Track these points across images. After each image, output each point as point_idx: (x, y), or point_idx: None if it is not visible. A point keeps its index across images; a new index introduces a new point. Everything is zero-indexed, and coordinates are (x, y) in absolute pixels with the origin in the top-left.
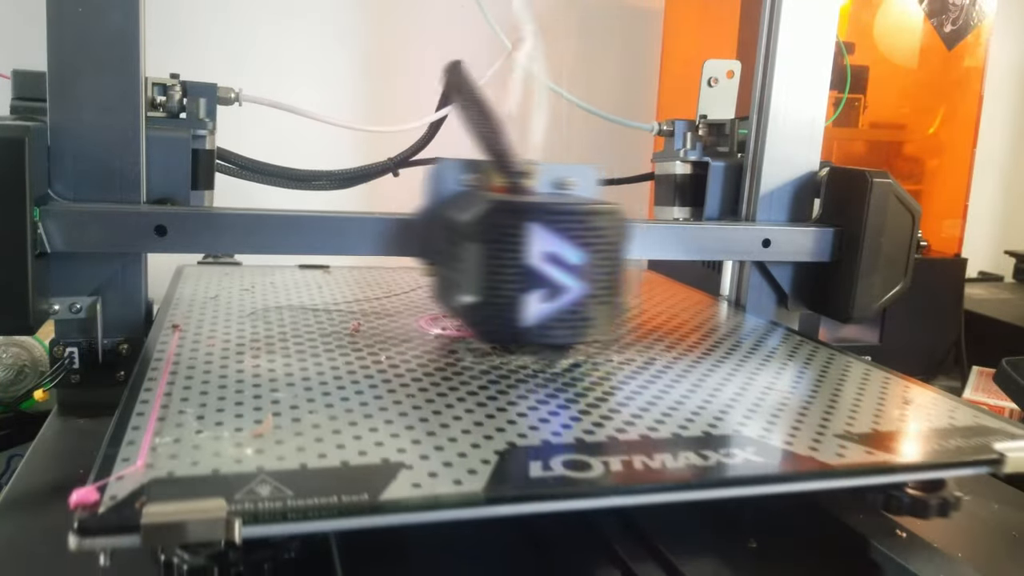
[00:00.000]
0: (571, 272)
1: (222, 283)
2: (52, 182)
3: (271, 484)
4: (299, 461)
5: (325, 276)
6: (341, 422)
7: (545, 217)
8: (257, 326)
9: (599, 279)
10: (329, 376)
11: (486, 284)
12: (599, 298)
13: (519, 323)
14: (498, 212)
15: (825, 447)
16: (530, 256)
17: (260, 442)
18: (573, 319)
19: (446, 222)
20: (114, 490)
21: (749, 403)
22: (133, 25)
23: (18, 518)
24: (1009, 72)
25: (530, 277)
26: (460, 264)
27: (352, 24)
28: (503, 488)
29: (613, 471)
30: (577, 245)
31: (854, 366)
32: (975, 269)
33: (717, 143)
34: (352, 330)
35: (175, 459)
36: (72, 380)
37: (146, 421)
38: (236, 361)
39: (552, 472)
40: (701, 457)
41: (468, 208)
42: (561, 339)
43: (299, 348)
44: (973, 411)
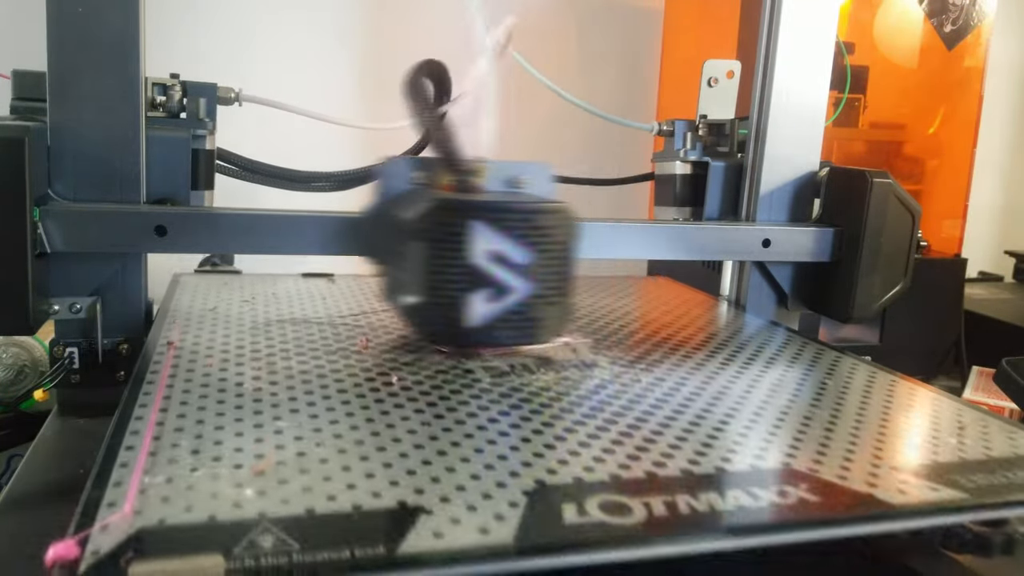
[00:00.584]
0: (516, 272)
1: (221, 294)
2: (52, 182)
3: (274, 534)
4: (305, 505)
5: (329, 286)
6: (351, 456)
7: (489, 215)
8: (258, 342)
9: (546, 279)
10: (336, 401)
11: (430, 283)
12: (546, 298)
13: (463, 323)
14: (441, 210)
15: (884, 482)
16: (474, 255)
17: (262, 481)
18: (519, 320)
19: (393, 220)
20: (97, 543)
21: (793, 429)
22: (133, 25)
23: (18, 518)
24: (1009, 72)
25: (474, 277)
26: (405, 263)
27: (352, 24)
28: (535, 539)
29: (655, 515)
30: (522, 244)
31: (897, 385)
32: (975, 269)
33: (717, 143)
34: (360, 347)
35: (167, 503)
36: (72, 380)
37: (135, 457)
38: (235, 384)
39: (588, 517)
40: (751, 496)
41: (413, 206)
42: (507, 340)
43: (303, 368)
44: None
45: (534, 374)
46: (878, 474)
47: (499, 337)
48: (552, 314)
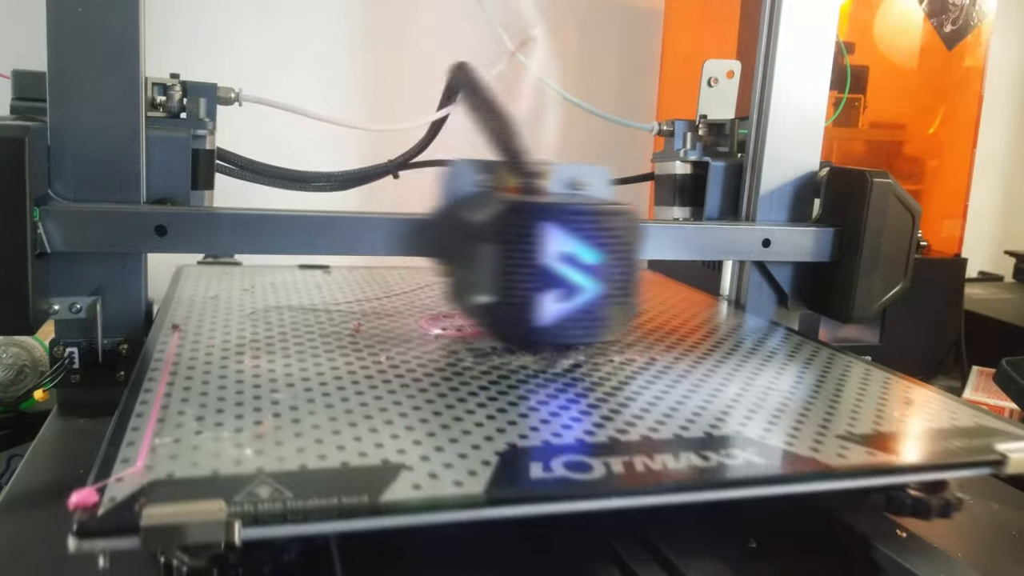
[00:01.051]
0: (586, 272)
1: (222, 283)
2: (52, 182)
3: (271, 485)
4: (299, 462)
5: (325, 276)
6: (341, 423)
7: (560, 217)
8: (257, 326)
9: (613, 279)
10: (329, 376)
11: (501, 284)
12: (613, 298)
13: (534, 323)
14: (513, 213)
15: (826, 448)
16: (545, 256)
17: (260, 443)
18: (588, 319)
19: (461, 223)
20: (113, 491)
21: (750, 404)
22: (133, 25)
23: (18, 518)
24: (1009, 72)
25: (545, 277)
26: (475, 264)
27: (352, 24)
28: (504, 490)
29: (615, 472)
30: (592, 245)
31: (854, 366)
32: (975, 269)
33: (717, 143)
34: (353, 330)
35: (174, 460)
36: (72, 380)
37: (146, 421)
38: (236, 361)
39: (553, 473)
40: (702, 458)
41: (483, 209)
42: (576, 339)
43: (299, 348)
44: (974, 412)
45: (514, 354)
46: (822, 442)
47: (568, 336)
48: (618, 313)
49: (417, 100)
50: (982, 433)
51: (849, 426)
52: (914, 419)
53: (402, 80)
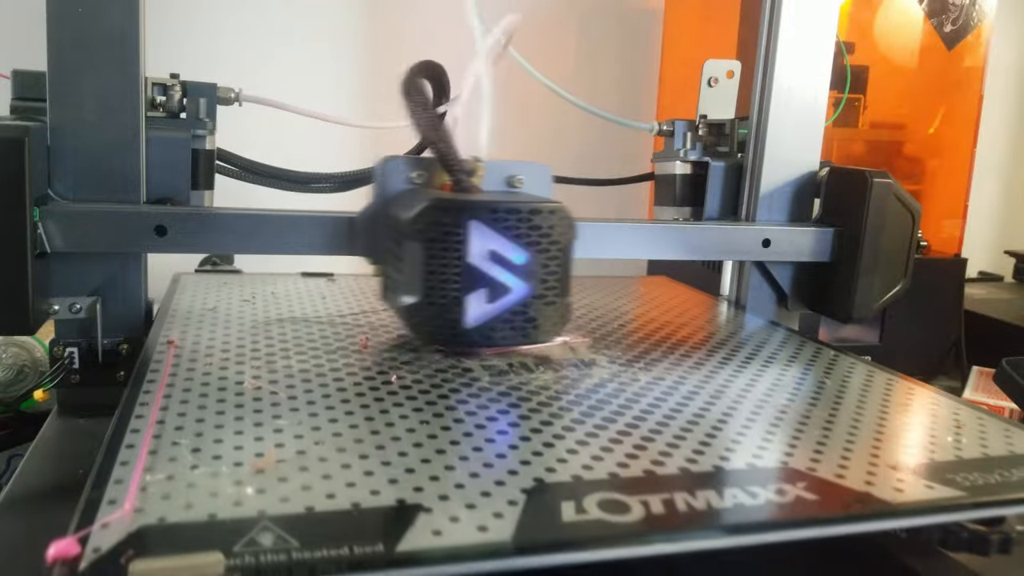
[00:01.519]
0: (514, 272)
1: (221, 293)
2: (52, 182)
3: (274, 532)
4: (305, 503)
5: (329, 285)
6: (350, 454)
7: (486, 215)
8: (258, 341)
9: (544, 279)
10: (336, 400)
11: (427, 284)
12: (544, 299)
13: (461, 324)
14: (438, 210)
15: (881, 481)
16: (471, 255)
17: (262, 480)
18: (518, 320)
19: (389, 220)
20: (97, 540)
21: (791, 428)
22: (133, 25)
23: (18, 518)
24: (1009, 72)
25: (472, 277)
26: (402, 263)
27: (351, 23)
28: (533, 536)
29: (654, 513)
30: (520, 244)
31: (894, 383)
32: (975, 269)
33: (717, 143)
34: (360, 347)
35: (167, 501)
36: (72, 380)
37: (136, 455)
38: (235, 383)
39: (587, 515)
40: (749, 495)
41: (410, 206)
42: (506, 341)
43: (303, 367)
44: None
45: (532, 373)
46: (875, 472)
47: (497, 338)
48: (550, 314)
49: None
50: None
51: (901, 454)
52: (969, 445)
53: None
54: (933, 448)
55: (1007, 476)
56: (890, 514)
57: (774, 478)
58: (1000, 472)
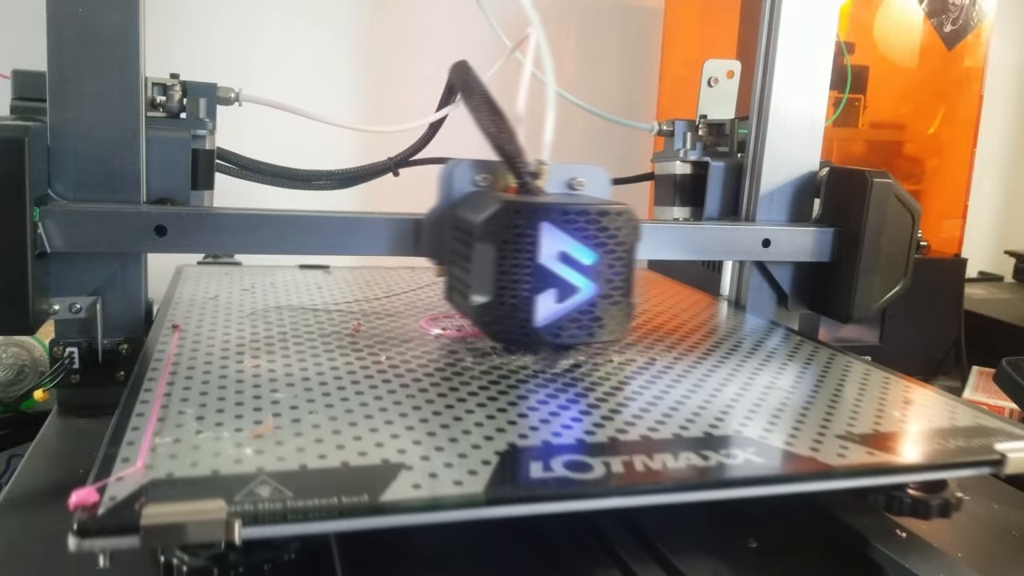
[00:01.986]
0: (583, 272)
1: (222, 283)
2: (52, 182)
3: (271, 485)
4: (299, 462)
5: (325, 276)
6: (341, 422)
7: (557, 217)
8: (257, 326)
9: (611, 279)
10: (329, 376)
11: (498, 284)
12: (611, 299)
13: (531, 323)
14: (510, 212)
15: (826, 448)
16: (542, 256)
17: (260, 443)
18: (585, 320)
19: (458, 222)
20: (113, 491)
21: (750, 404)
22: (133, 25)
23: (18, 518)
24: (1009, 72)
25: (542, 277)
26: (472, 264)
27: (351, 23)
28: (504, 489)
29: (614, 472)
30: (589, 245)
31: (854, 366)
32: (975, 269)
33: (717, 143)
34: (352, 330)
35: (175, 459)
36: (72, 380)
37: (146, 421)
38: (236, 361)
39: (553, 473)
40: (702, 458)
41: (480, 208)
42: (573, 340)
43: (299, 348)
44: (974, 411)
45: (513, 355)
46: (822, 442)
47: (565, 336)
48: (616, 313)
49: (417, 99)
50: (981, 433)
51: (849, 426)
52: (914, 419)
53: (402, 79)
54: (879, 421)
55: (944, 444)
56: (829, 476)
57: (726, 444)
58: (939, 441)
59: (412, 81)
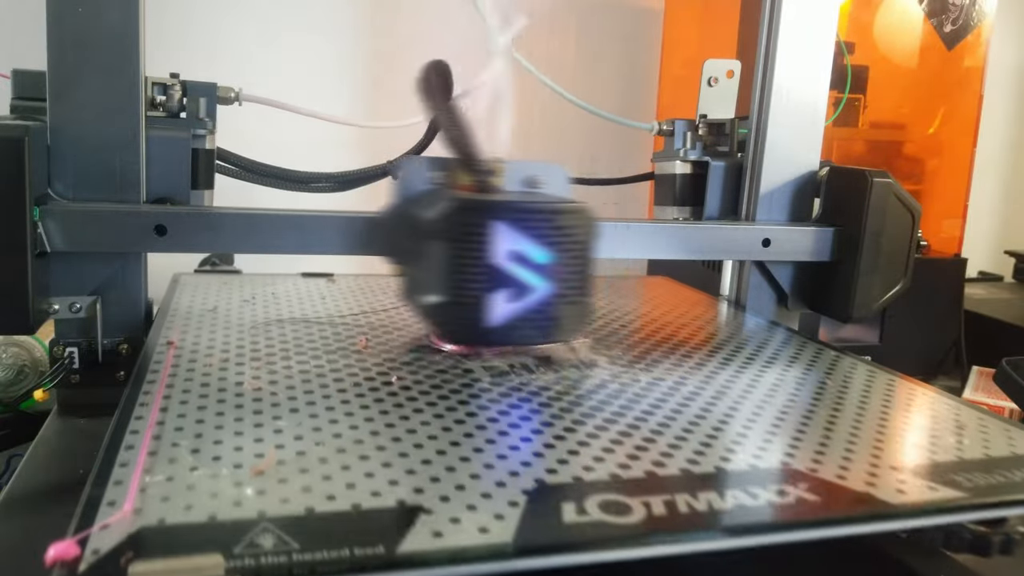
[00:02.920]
0: (538, 271)
1: (220, 293)
2: (52, 182)
3: (274, 534)
4: (305, 504)
5: (329, 285)
6: (350, 456)
7: (511, 215)
8: (258, 342)
9: (567, 279)
10: (336, 401)
11: (451, 283)
12: (567, 298)
13: (485, 323)
14: (463, 210)
15: (883, 482)
16: (496, 255)
17: (262, 481)
18: (540, 319)
19: (412, 220)
20: (97, 543)
21: (792, 428)
22: (133, 24)
23: (18, 518)
24: (1009, 72)
25: (496, 276)
26: (426, 263)
27: (352, 24)
28: (534, 537)
29: (655, 515)
30: (544, 244)
31: (878, 377)
32: (975, 269)
33: (717, 143)
34: (360, 347)
35: (167, 502)
36: (72, 380)
37: (136, 455)
38: (235, 383)
39: (588, 517)
40: (750, 496)
41: (434, 206)
42: (528, 340)
43: (303, 368)
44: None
45: (533, 374)
46: (877, 474)
47: (519, 336)
48: (572, 313)
49: (417, 99)
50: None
51: (903, 455)
52: (971, 446)
53: (401, 79)
54: (934, 449)
55: (1009, 476)
56: (892, 515)
57: (775, 479)
58: (1001, 473)
59: (412, 81)
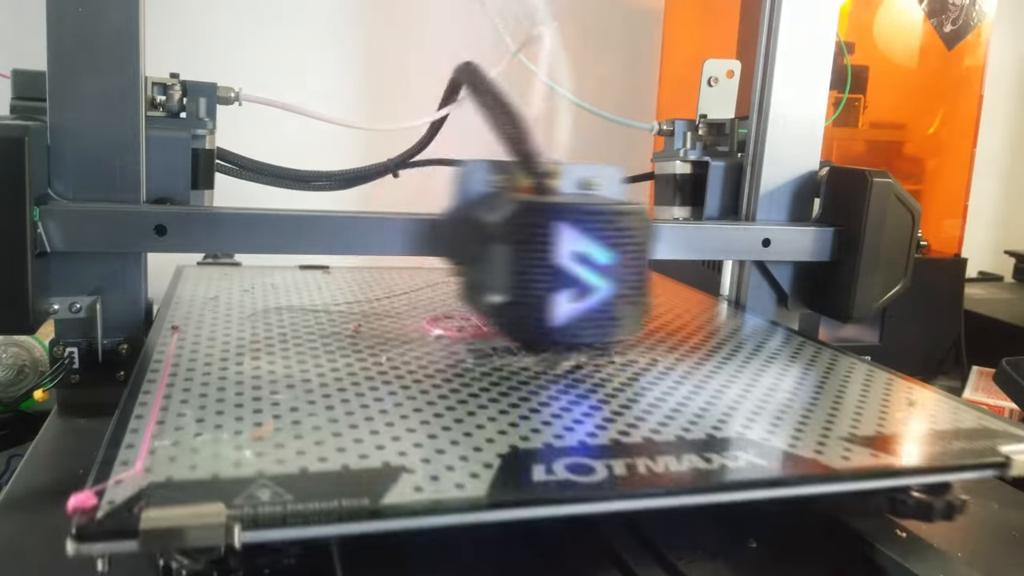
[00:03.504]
0: (599, 272)
1: (222, 284)
2: (52, 182)
3: (271, 488)
4: (299, 465)
5: (325, 277)
6: (342, 424)
7: (573, 217)
8: (257, 327)
9: (626, 278)
10: (330, 378)
11: (515, 284)
12: (627, 297)
13: (548, 323)
14: (527, 212)
15: (830, 450)
16: (559, 256)
17: (260, 445)
18: (602, 319)
19: (474, 223)
20: (112, 495)
21: (752, 405)
22: (133, 24)
23: (18, 518)
24: (1009, 72)
25: (559, 277)
26: (488, 265)
27: (353, 24)
28: (506, 492)
29: (617, 475)
30: (605, 245)
31: (857, 367)
32: (975, 269)
33: (717, 143)
34: (352, 331)
35: (174, 463)
36: (72, 380)
37: (145, 424)
38: (236, 363)
39: (555, 476)
40: (704, 460)
41: (496, 209)
42: (590, 339)
43: (299, 350)
44: (977, 413)
45: (515, 355)
46: (826, 443)
47: (583, 335)
48: (632, 312)
49: (417, 99)
50: (985, 435)
51: (852, 428)
52: (917, 421)
53: (402, 79)
54: (882, 424)
55: (948, 446)
56: (834, 478)
57: (728, 447)
58: (943, 443)
59: (413, 81)
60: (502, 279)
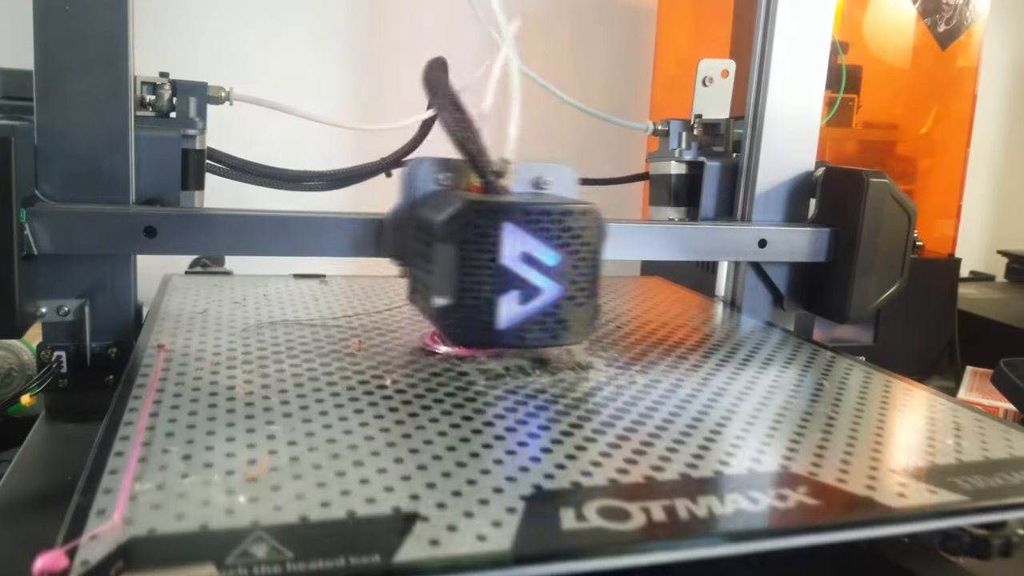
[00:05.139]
0: (546, 273)
1: (211, 295)
2: (39, 182)
3: (268, 543)
4: (299, 512)
5: (322, 287)
6: (345, 461)
7: (519, 217)
8: (249, 345)
9: (575, 280)
10: (330, 405)
11: (460, 285)
12: (575, 300)
13: (493, 325)
14: (471, 212)
15: (883, 485)
16: (504, 257)
17: (254, 488)
18: (549, 321)
19: (419, 222)
20: (86, 553)
21: (790, 431)
22: (121, 23)
23: (4, 526)
24: (1002, 72)
25: (504, 278)
26: (433, 265)
27: (344, 23)
28: (534, 545)
29: (655, 520)
30: (552, 246)
31: (875, 378)
32: (966, 269)
33: (712, 143)
34: (353, 350)
35: (158, 511)
36: (60, 384)
37: (126, 462)
38: (227, 387)
39: (587, 523)
40: (750, 501)
41: (441, 208)
42: (536, 342)
43: (296, 371)
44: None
45: (529, 376)
46: (877, 477)
47: (529, 338)
48: (580, 315)
49: (409, 98)
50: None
51: (902, 458)
52: (970, 448)
53: (393, 78)
54: (933, 451)
55: (1008, 479)
56: (892, 519)
57: (775, 483)
58: (1001, 475)
59: (404, 81)
60: (447, 280)
